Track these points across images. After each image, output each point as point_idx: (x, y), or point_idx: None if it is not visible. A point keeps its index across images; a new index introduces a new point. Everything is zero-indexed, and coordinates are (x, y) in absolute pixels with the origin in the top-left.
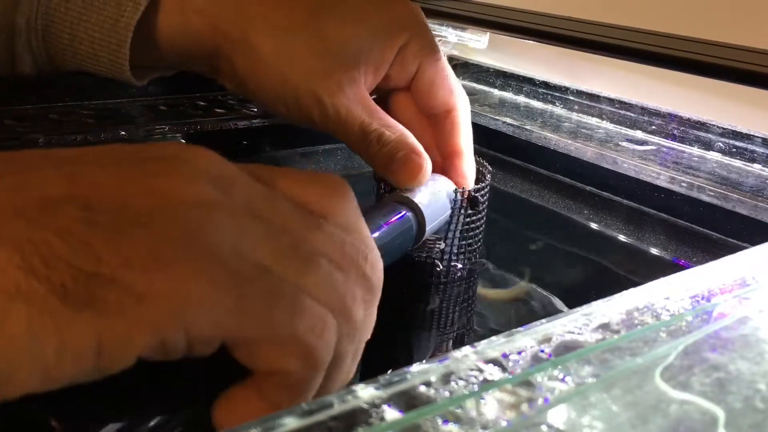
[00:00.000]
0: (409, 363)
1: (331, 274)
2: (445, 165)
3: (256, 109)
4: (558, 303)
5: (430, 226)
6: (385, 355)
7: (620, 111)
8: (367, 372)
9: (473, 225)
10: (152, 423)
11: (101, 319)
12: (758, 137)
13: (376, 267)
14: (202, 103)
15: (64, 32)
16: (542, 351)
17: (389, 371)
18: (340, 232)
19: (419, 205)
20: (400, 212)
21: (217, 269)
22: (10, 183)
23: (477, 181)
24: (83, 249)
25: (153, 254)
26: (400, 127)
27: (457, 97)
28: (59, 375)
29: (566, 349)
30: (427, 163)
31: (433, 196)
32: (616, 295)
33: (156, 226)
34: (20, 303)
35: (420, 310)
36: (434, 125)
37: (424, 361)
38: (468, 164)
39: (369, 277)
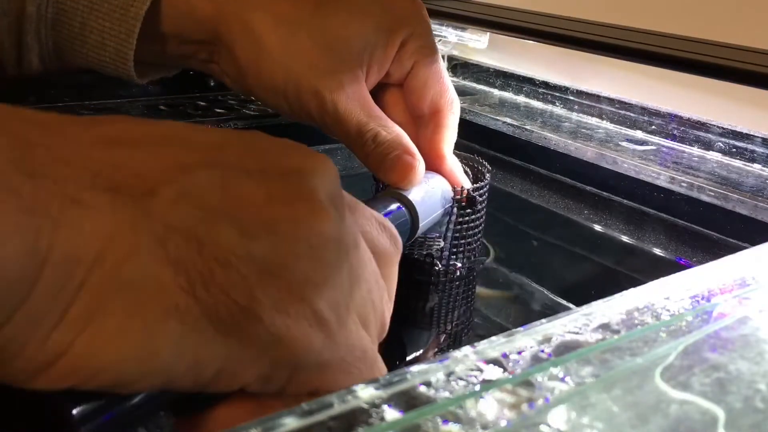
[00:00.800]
0: (409, 363)
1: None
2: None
3: (256, 110)
4: (558, 303)
5: (424, 222)
6: (385, 355)
7: (620, 111)
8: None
9: (472, 224)
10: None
11: (237, 349)
12: (758, 137)
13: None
14: (202, 103)
15: (76, 21)
16: (542, 351)
17: (389, 371)
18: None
19: (412, 201)
20: (393, 207)
21: (336, 327)
22: (175, 189)
23: (476, 181)
24: (241, 283)
25: (296, 300)
26: (397, 127)
27: (447, 100)
28: (176, 383)
29: (566, 349)
30: (420, 164)
31: (427, 193)
32: (616, 295)
33: (302, 269)
34: (175, 322)
35: (419, 309)
36: (419, 125)
37: (424, 361)
38: (447, 168)
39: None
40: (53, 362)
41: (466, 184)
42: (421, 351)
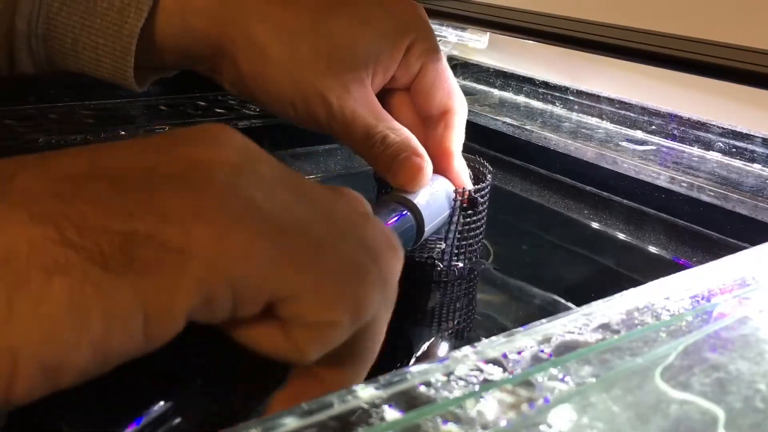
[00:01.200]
0: (409, 363)
1: (365, 237)
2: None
3: (256, 109)
4: (558, 303)
5: (429, 226)
6: (385, 355)
7: (620, 111)
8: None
9: (474, 225)
10: (162, 429)
11: (143, 280)
12: (758, 137)
13: (399, 245)
14: (202, 103)
15: (67, 37)
16: (542, 351)
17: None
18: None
19: (418, 206)
20: (399, 212)
21: (259, 220)
22: (32, 170)
23: (477, 181)
24: (116, 210)
25: (189, 208)
26: (405, 130)
27: (455, 100)
28: (111, 349)
29: (566, 349)
30: (428, 166)
31: (432, 196)
32: (616, 295)
33: (189, 182)
34: (59, 276)
35: (420, 309)
36: (427, 126)
37: (424, 361)
38: (456, 166)
39: (396, 248)
40: None
41: (470, 184)
42: (421, 351)
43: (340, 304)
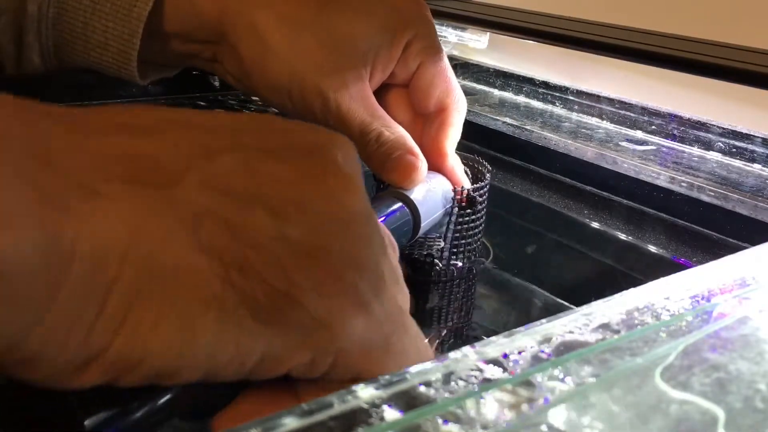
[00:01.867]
0: None
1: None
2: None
3: (256, 110)
4: (558, 303)
5: (426, 221)
6: None
7: (620, 111)
8: None
9: (473, 224)
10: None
11: (278, 336)
12: (758, 137)
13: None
14: (202, 103)
15: (78, 21)
16: (542, 351)
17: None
18: None
19: (414, 201)
20: (396, 206)
21: (377, 304)
22: (196, 174)
23: (476, 181)
24: (277, 267)
25: (335, 279)
26: (400, 128)
27: (453, 98)
28: (219, 375)
29: (566, 349)
30: (422, 164)
31: (429, 192)
32: (616, 295)
33: (339, 248)
34: (213, 311)
35: (419, 309)
36: (424, 123)
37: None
38: (450, 165)
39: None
40: (93, 359)
41: (466, 183)
42: None
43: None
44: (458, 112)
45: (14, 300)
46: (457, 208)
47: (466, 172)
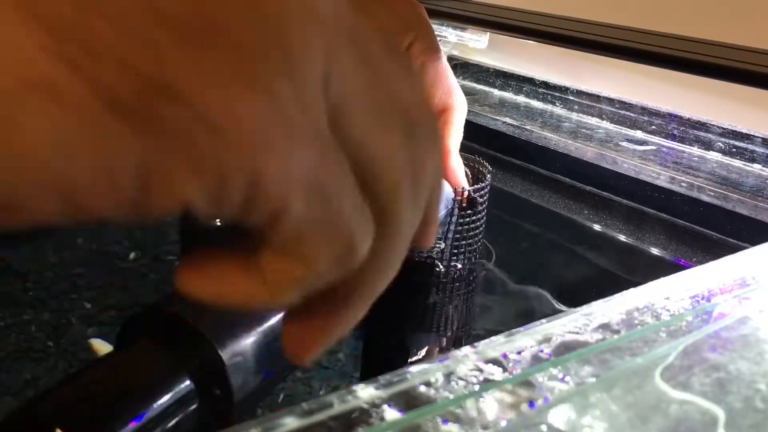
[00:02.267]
0: (409, 363)
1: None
2: None
3: None
4: (558, 303)
5: None
6: (385, 355)
7: (620, 111)
8: (368, 372)
9: (473, 225)
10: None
11: (156, 143)
12: (758, 137)
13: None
14: None
15: None
16: (542, 351)
17: (389, 372)
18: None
19: None
20: None
21: (304, 117)
22: None
23: (477, 181)
24: (146, 46)
25: (242, 75)
26: None
27: (454, 99)
28: (87, 202)
29: (566, 349)
30: None
31: None
32: (616, 295)
33: (248, 34)
34: (47, 100)
35: (420, 309)
36: None
37: (424, 361)
38: (453, 165)
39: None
40: None
41: (466, 183)
42: (421, 351)
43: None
44: (460, 112)
45: None
46: (457, 209)
47: (466, 173)
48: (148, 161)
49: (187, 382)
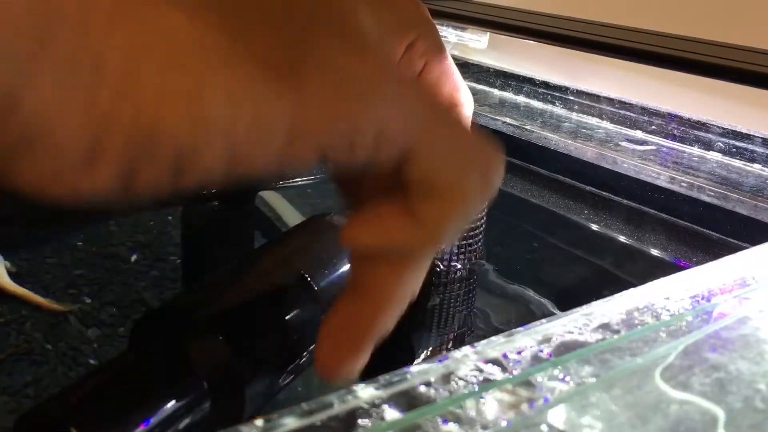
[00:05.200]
0: (409, 363)
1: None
2: None
3: None
4: (558, 303)
5: None
6: (384, 355)
7: (620, 111)
8: (367, 372)
9: (473, 225)
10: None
11: (301, 101)
12: (758, 137)
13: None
14: None
15: None
16: (542, 351)
17: (389, 372)
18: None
19: None
20: None
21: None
22: None
23: None
24: (287, 21)
25: (358, 46)
26: None
27: (462, 94)
28: (244, 155)
29: (566, 349)
30: None
31: None
32: (616, 295)
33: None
34: (219, 65)
35: (420, 310)
36: None
37: (424, 361)
38: None
39: None
40: (103, 137)
41: None
42: (421, 351)
43: (468, 177)
44: (467, 108)
45: None
46: None
47: None
48: (293, 117)
49: (200, 384)
